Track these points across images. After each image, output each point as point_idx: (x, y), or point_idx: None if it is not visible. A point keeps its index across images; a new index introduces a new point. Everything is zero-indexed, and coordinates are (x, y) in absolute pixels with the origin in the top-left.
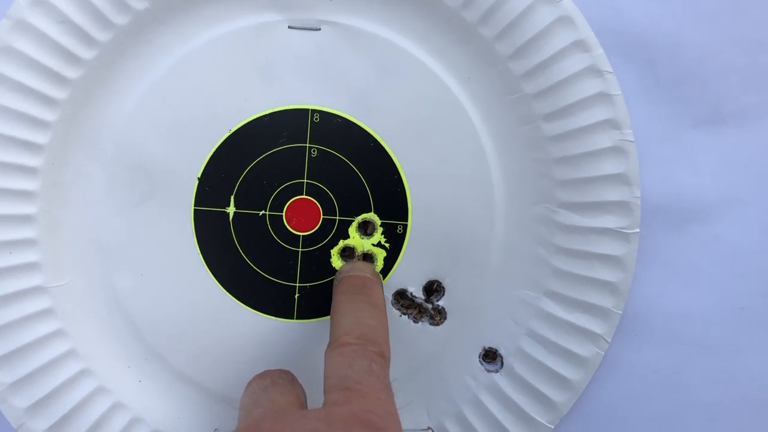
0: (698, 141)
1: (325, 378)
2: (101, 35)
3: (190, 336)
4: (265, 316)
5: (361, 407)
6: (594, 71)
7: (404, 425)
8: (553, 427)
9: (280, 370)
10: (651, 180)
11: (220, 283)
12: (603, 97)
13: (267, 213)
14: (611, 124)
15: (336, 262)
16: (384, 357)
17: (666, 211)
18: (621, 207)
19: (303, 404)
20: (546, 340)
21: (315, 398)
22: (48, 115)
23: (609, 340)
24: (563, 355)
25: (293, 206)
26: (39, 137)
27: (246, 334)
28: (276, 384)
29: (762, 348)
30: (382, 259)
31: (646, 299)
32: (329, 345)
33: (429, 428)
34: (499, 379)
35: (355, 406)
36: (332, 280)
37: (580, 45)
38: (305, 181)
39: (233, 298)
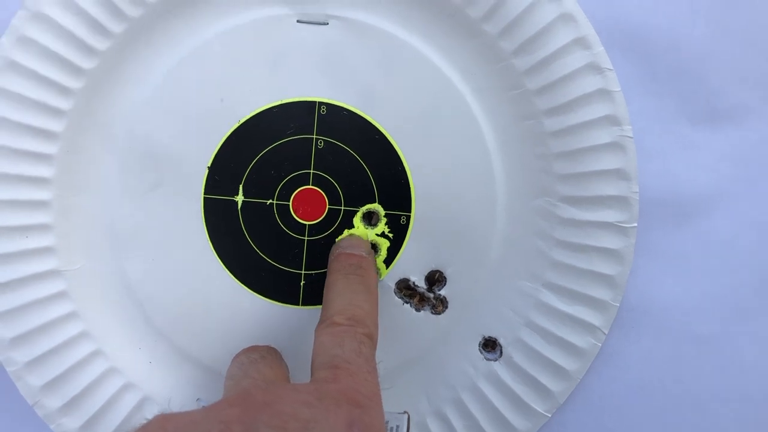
0: (695, 136)
1: (314, 355)
2: (115, 27)
3: (198, 320)
4: (272, 302)
5: (349, 385)
6: (594, 68)
7: (404, 408)
8: (549, 415)
9: (267, 346)
10: (649, 175)
11: (228, 269)
12: (603, 93)
13: (274, 202)
14: (611, 120)
15: None
16: (372, 339)
17: (663, 205)
18: (619, 201)
19: (289, 380)
20: (544, 331)
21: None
22: (63, 104)
23: (606, 332)
24: (561, 346)
25: (300, 196)
26: (54, 125)
27: (253, 319)
28: (265, 358)
29: (756, 341)
30: (386, 249)
31: (643, 292)
32: (320, 323)
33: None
34: (498, 367)
35: (343, 384)
36: None
37: (581, 42)
38: (312, 171)
39: (241, 284)
